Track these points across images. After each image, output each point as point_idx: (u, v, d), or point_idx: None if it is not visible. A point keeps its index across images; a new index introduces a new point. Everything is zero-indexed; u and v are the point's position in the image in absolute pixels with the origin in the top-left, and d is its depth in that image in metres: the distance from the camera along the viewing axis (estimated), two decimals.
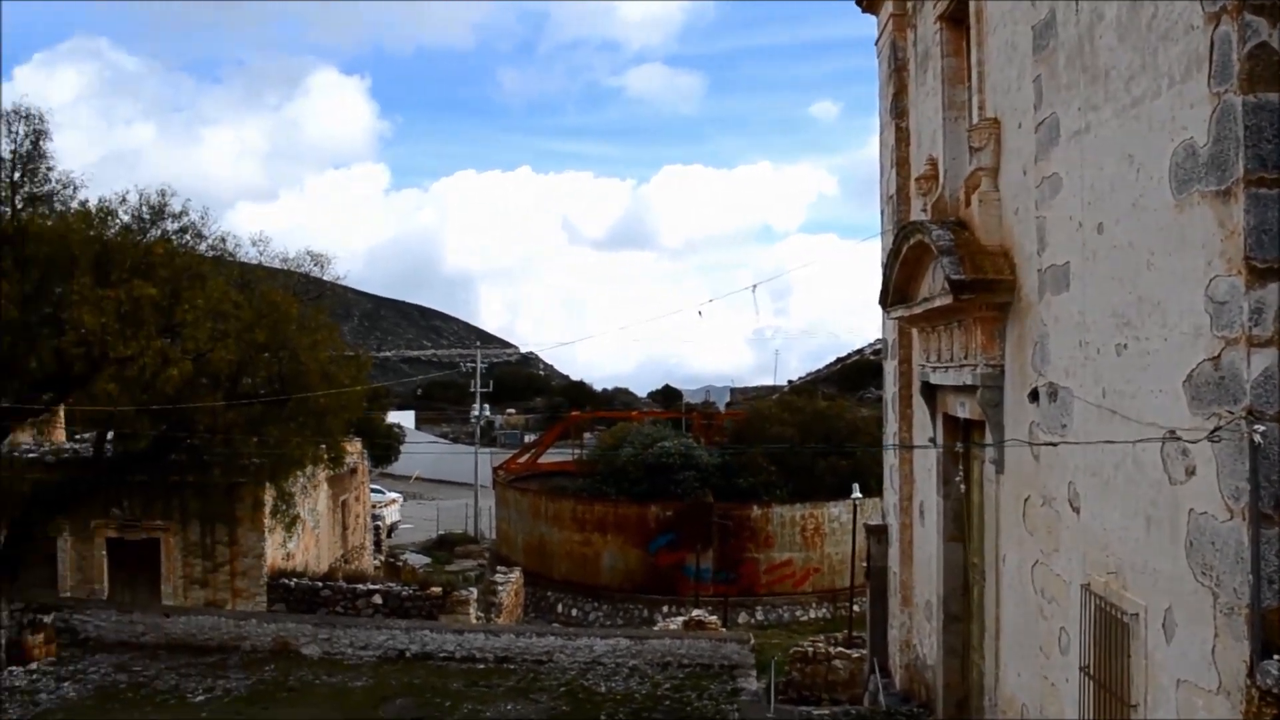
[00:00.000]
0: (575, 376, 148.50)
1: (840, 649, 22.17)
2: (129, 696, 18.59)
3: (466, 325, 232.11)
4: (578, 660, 20.34)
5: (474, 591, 25.45)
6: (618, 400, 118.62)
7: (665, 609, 33.95)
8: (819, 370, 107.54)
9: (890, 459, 16.64)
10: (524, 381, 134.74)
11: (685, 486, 37.84)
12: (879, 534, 17.76)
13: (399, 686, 19.10)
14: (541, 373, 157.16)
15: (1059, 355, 8.65)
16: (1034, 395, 9.20)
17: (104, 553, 24.69)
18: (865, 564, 18.93)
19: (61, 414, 22.03)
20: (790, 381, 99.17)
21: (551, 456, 51.03)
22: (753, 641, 21.27)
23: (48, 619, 21.13)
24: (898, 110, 15.79)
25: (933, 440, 13.59)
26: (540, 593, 37.58)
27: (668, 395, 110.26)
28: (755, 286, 16.11)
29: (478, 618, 24.55)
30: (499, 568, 35.86)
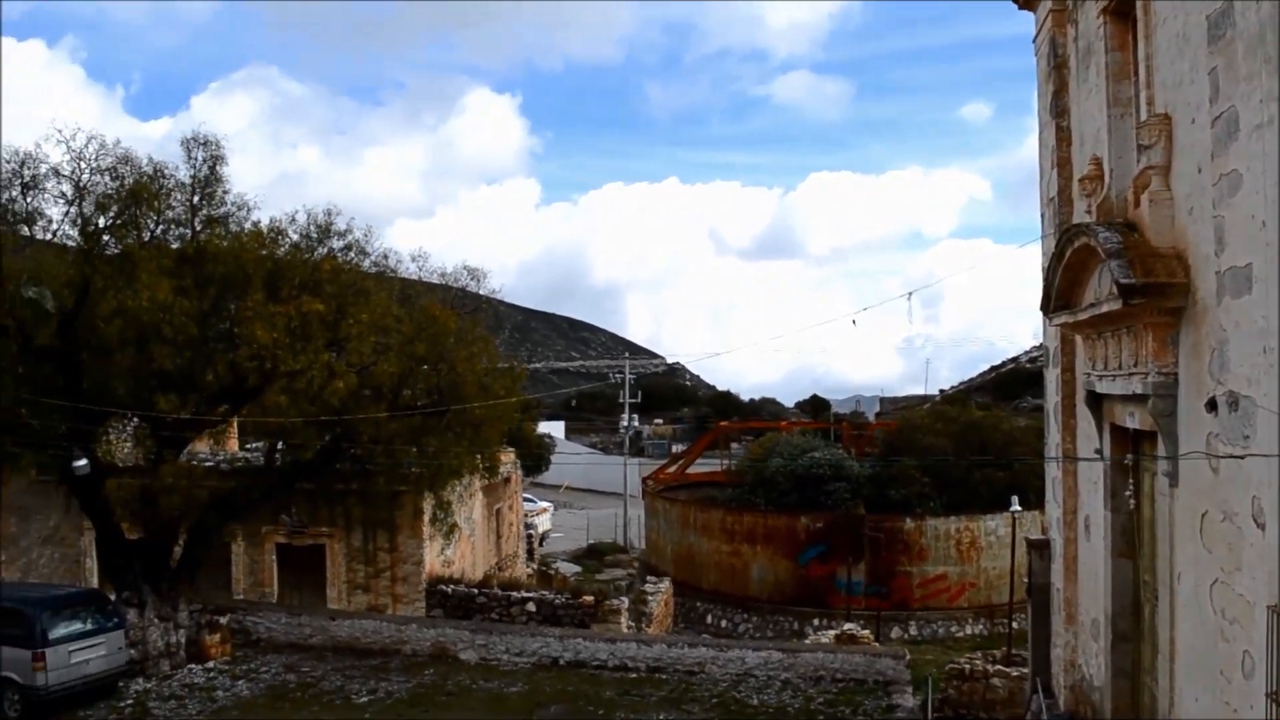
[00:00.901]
0: (722, 387, 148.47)
1: (999, 667, 21.44)
2: (298, 696, 19.38)
3: (614, 336, 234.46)
4: (729, 672, 20.27)
5: (625, 601, 25.63)
6: (765, 410, 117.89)
7: (816, 622, 33.49)
8: (972, 379, 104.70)
9: (1053, 471, 16.05)
10: (671, 392, 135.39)
11: (835, 498, 37.33)
12: (1041, 549, 17.15)
13: (553, 693, 19.39)
14: (688, 383, 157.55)
15: (1240, 362, 8.21)
16: (1212, 404, 8.75)
17: (273, 557, 25.83)
18: (1026, 579, 18.30)
19: (235, 424, 23.11)
20: (942, 391, 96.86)
21: (700, 467, 51.06)
22: (908, 657, 20.81)
23: (223, 620, 22.22)
24: (1058, 109, 15.26)
25: (1099, 452, 13.05)
26: (689, 603, 37.57)
27: (815, 405, 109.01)
28: (911, 294, 15.82)
29: (628, 627, 24.70)
30: (649, 577, 36.03)
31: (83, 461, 19.36)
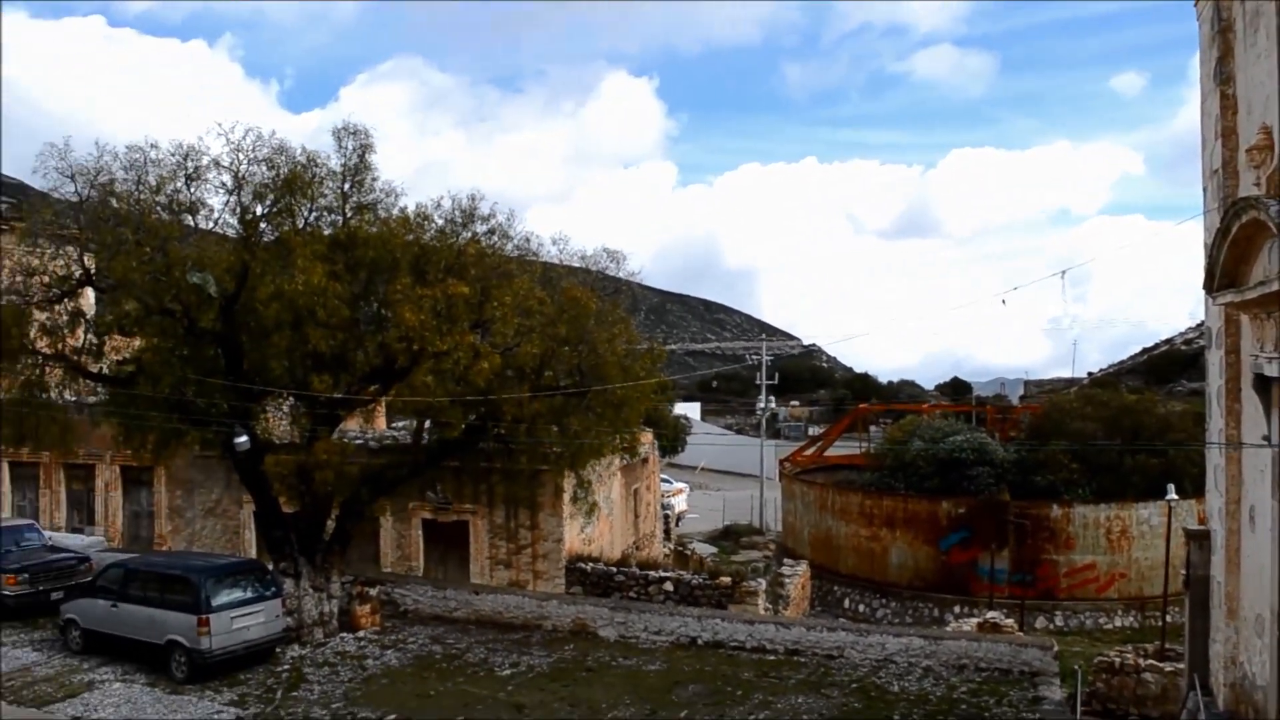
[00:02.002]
0: (859, 369, 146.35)
1: (1151, 661, 20.63)
2: (443, 666, 19.97)
3: (749, 318, 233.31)
4: (869, 657, 20.05)
5: (762, 583, 25.57)
6: (903, 393, 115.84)
7: (956, 609, 32.86)
8: (1122, 362, 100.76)
9: (1215, 458, 15.34)
10: (807, 374, 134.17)
11: (978, 483, 36.45)
12: (1200, 539, 16.42)
13: (691, 673, 19.49)
14: (825, 365, 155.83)
15: None
16: None
17: (420, 532, 26.63)
18: (1183, 571, 17.56)
19: (383, 403, 23.85)
20: (1090, 374, 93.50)
21: (837, 450, 50.51)
22: (1055, 648, 20.22)
23: (373, 591, 23.02)
24: (1223, 76, 14.50)
25: (1267, 438, 12.42)
26: (826, 587, 37.28)
27: (956, 388, 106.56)
28: (1065, 272, 15.20)
29: (765, 609, 24.65)
30: (785, 560, 35.91)
31: (243, 438, 20.29)
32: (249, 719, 17.04)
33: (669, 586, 24.40)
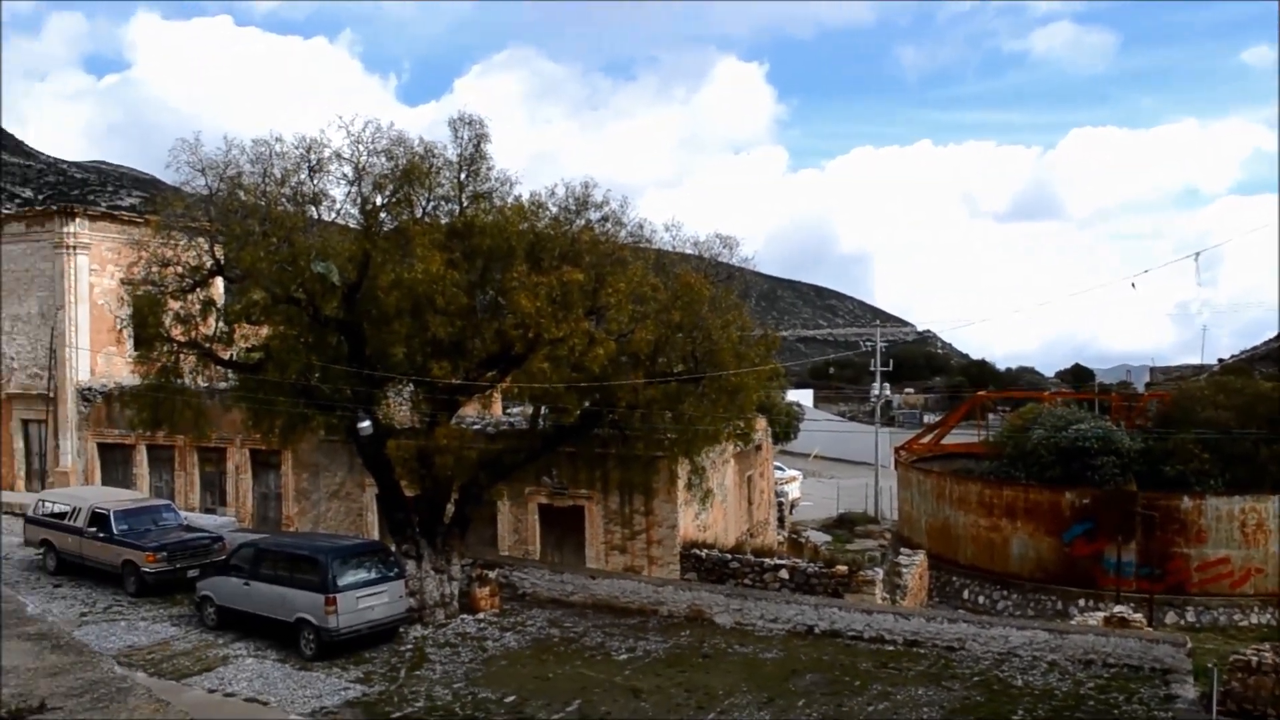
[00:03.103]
0: (975, 355, 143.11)
1: None
2: (561, 650, 20.18)
3: (862, 304, 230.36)
4: (991, 650, 19.60)
5: (879, 572, 25.20)
6: (1022, 380, 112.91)
7: (1081, 603, 31.82)
8: (1255, 347, 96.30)
9: None
10: (922, 360, 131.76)
11: (1103, 473, 35.23)
12: None
13: (809, 661, 19.33)
14: (940, 351, 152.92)
15: None
16: None
17: (536, 517, 26.93)
18: None
19: (499, 389, 24.15)
20: (1221, 360, 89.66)
21: (954, 438, 49.47)
22: (1189, 645, 19.48)
23: (492, 574, 23.39)
24: None
25: None
26: (944, 577, 36.56)
27: (1078, 375, 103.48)
28: (1198, 254, 14.53)
29: (883, 599, 24.28)
30: (902, 549, 35.31)
31: (366, 423, 20.79)
32: (374, 696, 17.47)
33: (784, 574, 24.21)
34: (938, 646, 19.95)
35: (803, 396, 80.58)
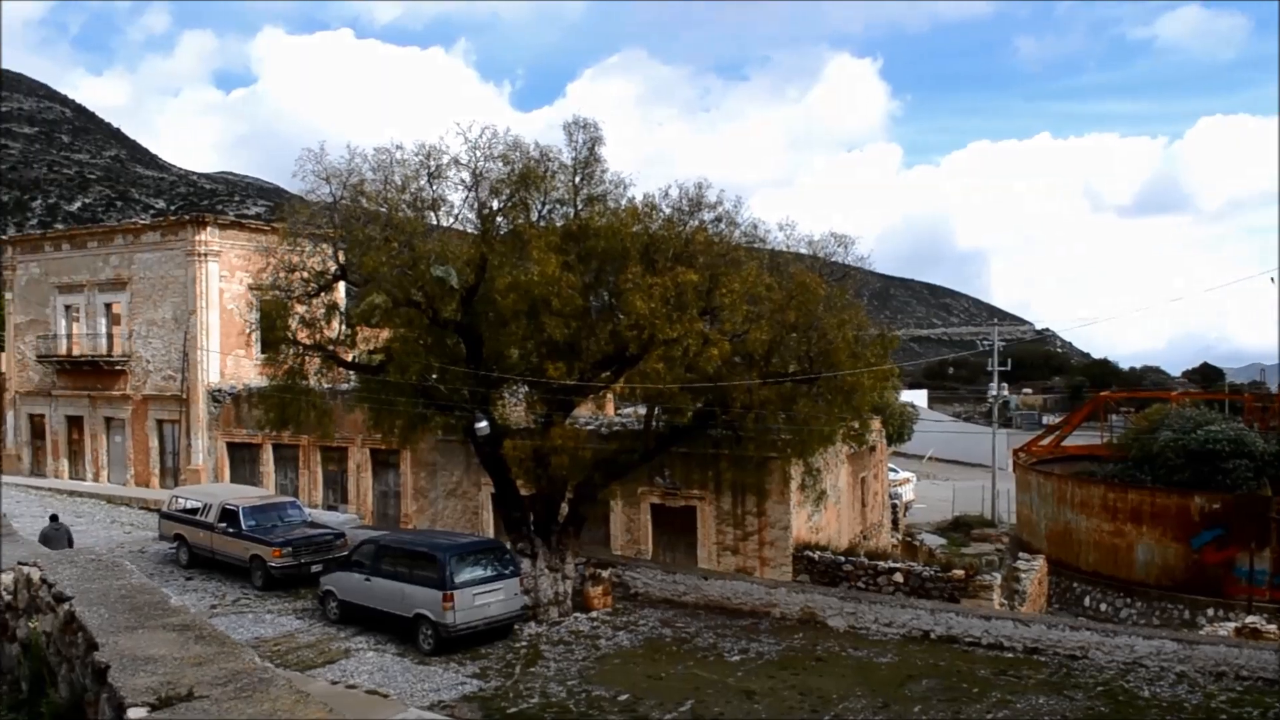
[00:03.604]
0: (1097, 354, 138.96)
1: None
2: (673, 649, 20.23)
3: (977, 302, 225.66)
4: (1115, 659, 19.01)
5: (997, 577, 24.66)
6: (1147, 380, 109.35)
7: (1210, 612, 30.68)
8: None
9: None
10: (1040, 360, 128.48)
11: (1235, 477, 33.85)
12: None
13: (924, 667, 19.02)
14: (1059, 350, 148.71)
15: None
16: None
17: (648, 517, 27.06)
18: None
19: (613, 389, 24.32)
20: None
21: (1075, 439, 48.09)
22: None
23: (605, 573, 23.58)
24: None
25: None
26: (1064, 583, 35.56)
27: (1206, 374, 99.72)
28: None
29: (1000, 604, 23.77)
30: (1020, 554, 34.48)
31: (483, 423, 21.17)
32: (490, 692, 17.77)
33: (899, 578, 23.88)
34: (1059, 654, 19.44)
35: (917, 397, 79.25)
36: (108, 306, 40.09)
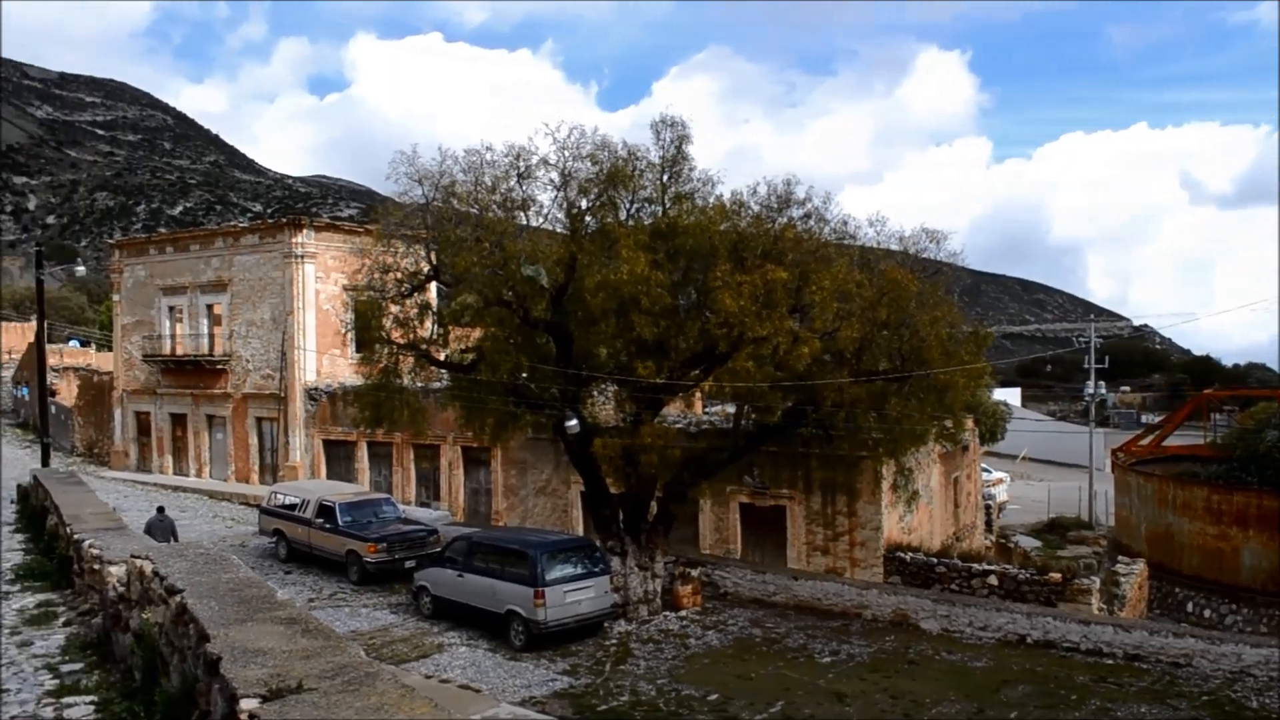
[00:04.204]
0: (1198, 351, 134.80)
1: None
2: (763, 650, 20.13)
3: (1072, 297, 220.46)
4: (1222, 668, 18.40)
5: (1096, 581, 24.03)
6: (1252, 377, 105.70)
7: None
8: None
9: None
10: (1139, 357, 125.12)
11: None
12: None
13: (1019, 672, 18.63)
14: (1158, 346, 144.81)
15: None
16: None
17: (737, 516, 26.96)
18: None
19: (702, 388, 24.27)
20: None
21: (1176, 439, 46.68)
22: None
23: (694, 572, 23.56)
24: None
25: None
26: (1166, 588, 34.54)
27: None
28: None
29: (1099, 609, 23.16)
30: (1119, 557, 33.57)
31: (573, 421, 21.31)
32: (581, 689, 17.87)
33: (993, 580, 23.43)
34: (1161, 661, 18.88)
35: (1010, 395, 77.65)
36: (209, 307, 41.30)
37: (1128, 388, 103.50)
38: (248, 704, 5.11)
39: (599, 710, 16.84)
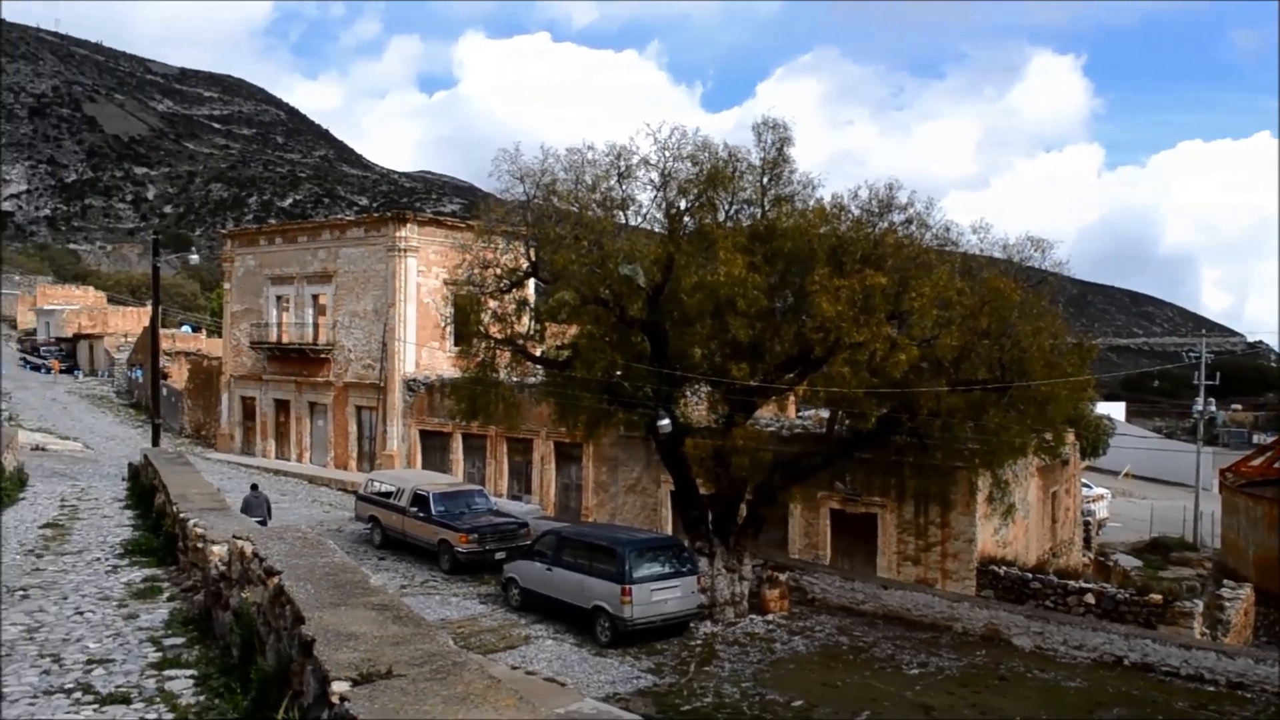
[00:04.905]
0: None
1: None
2: (850, 658, 19.93)
3: (1183, 311, 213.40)
4: None
5: (1199, 604, 23.24)
6: None
7: None
8: None
9: None
10: (1252, 374, 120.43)
11: None
12: None
13: (1115, 694, 18.14)
14: (1274, 365, 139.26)
15: None
16: None
17: (828, 522, 26.70)
18: None
19: (795, 392, 24.12)
20: None
21: None
22: None
23: (782, 577, 23.42)
24: None
25: None
26: (1274, 615, 33.22)
27: None
28: None
29: (1202, 634, 22.39)
30: (1224, 581, 32.42)
31: (666, 421, 21.36)
32: (664, 688, 17.91)
33: (1090, 599, 22.81)
34: (1267, 691, 18.19)
35: (1114, 410, 75.50)
36: (314, 298, 42.36)
37: (1239, 406, 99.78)
38: (339, 686, 5.22)
39: (682, 710, 16.86)
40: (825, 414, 23.81)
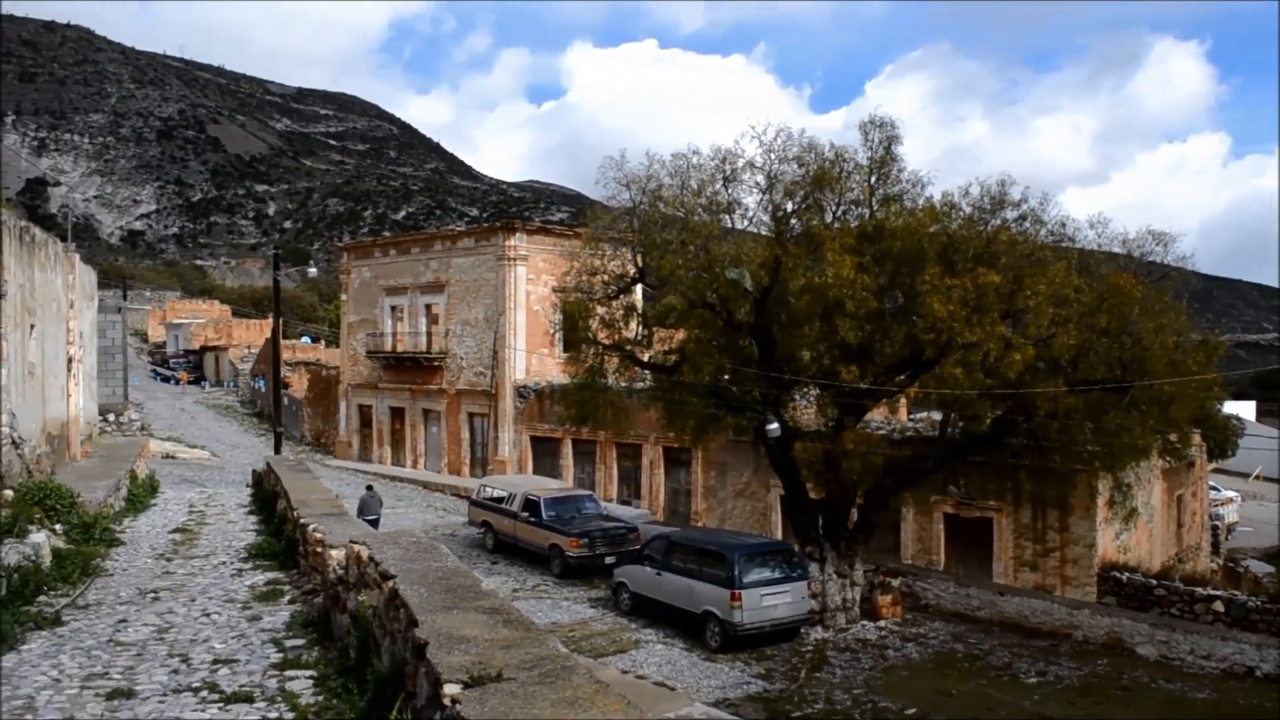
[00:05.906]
0: None
1: None
2: (965, 666, 19.52)
3: None
4: None
5: None
6: None
7: None
8: None
9: None
10: None
11: None
12: None
13: (1247, 708, 17.41)
14: None
15: None
16: None
17: (941, 527, 26.21)
18: None
19: (907, 394, 23.77)
20: None
21: None
22: None
23: (895, 582, 23.06)
24: None
25: None
26: None
27: None
28: None
29: None
30: None
31: (774, 425, 21.24)
32: (775, 694, 17.79)
33: (1219, 606, 21.91)
34: None
35: (1244, 409, 72.45)
36: (427, 307, 43.28)
37: None
38: (450, 689, 5.33)
39: (792, 716, 16.74)
40: (937, 416, 23.39)
